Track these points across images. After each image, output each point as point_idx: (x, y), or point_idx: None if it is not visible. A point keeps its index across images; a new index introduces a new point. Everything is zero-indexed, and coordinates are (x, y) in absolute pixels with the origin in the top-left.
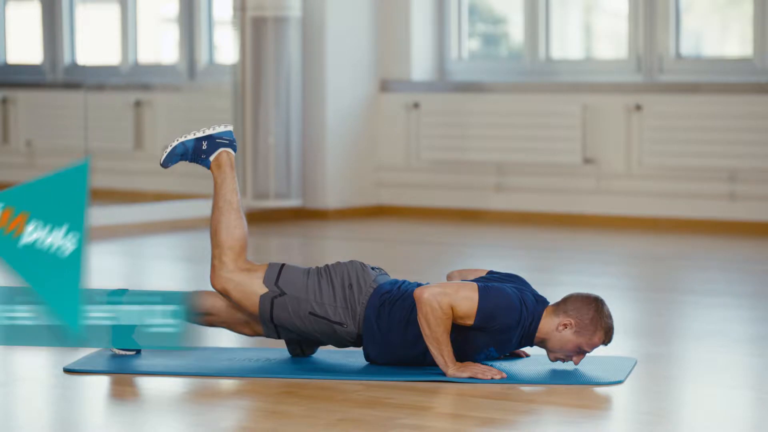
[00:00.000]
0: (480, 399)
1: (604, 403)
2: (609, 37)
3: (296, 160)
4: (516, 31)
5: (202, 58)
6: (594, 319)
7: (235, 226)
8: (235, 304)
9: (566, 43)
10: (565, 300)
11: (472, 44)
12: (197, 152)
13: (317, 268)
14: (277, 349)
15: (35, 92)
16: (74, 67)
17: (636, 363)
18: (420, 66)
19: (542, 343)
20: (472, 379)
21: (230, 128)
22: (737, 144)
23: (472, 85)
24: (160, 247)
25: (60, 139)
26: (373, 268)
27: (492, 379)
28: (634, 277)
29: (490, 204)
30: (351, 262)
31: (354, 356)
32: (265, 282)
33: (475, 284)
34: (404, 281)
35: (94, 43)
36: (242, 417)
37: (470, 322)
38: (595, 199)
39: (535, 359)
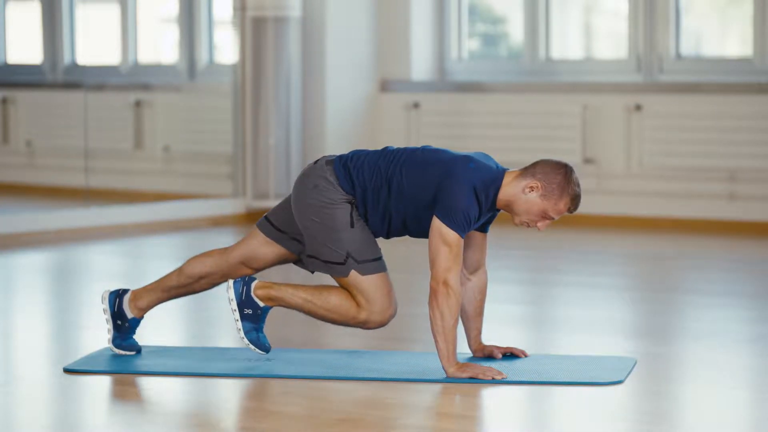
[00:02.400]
0: (480, 399)
1: (604, 403)
2: (609, 37)
3: (296, 160)
4: (516, 31)
5: (202, 58)
6: (561, 184)
7: (327, 302)
8: (391, 291)
9: (566, 43)
10: (534, 164)
11: (472, 44)
12: (255, 318)
13: (303, 229)
14: (277, 349)
15: (35, 92)
16: (74, 67)
17: (636, 363)
18: (420, 66)
19: (508, 207)
20: (472, 379)
21: (231, 282)
22: (737, 144)
23: (472, 85)
24: (160, 247)
25: (60, 139)
26: (315, 162)
27: (492, 379)
28: (634, 277)
29: None
30: (297, 187)
31: (354, 356)
32: (348, 276)
33: (439, 224)
34: (358, 150)
35: (94, 43)
36: (242, 417)
37: (462, 241)
38: (595, 199)
39: (535, 359)
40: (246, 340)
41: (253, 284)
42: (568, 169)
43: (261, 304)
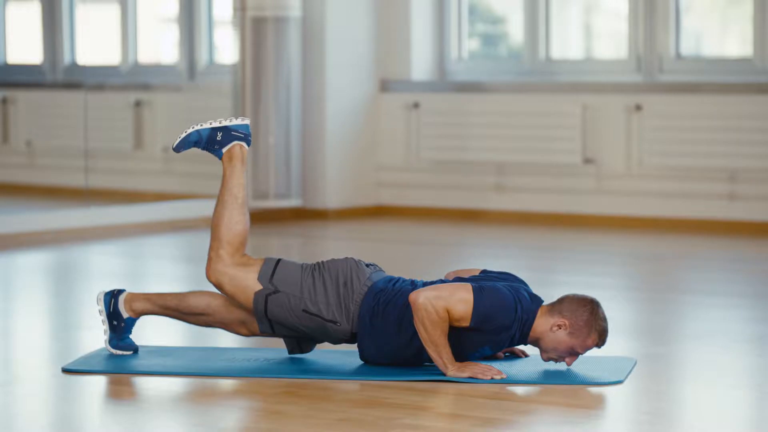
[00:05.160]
0: (479, 399)
1: (604, 403)
2: (609, 37)
3: (296, 160)
4: (516, 31)
5: (202, 58)
6: (588, 321)
7: (237, 222)
8: (228, 298)
9: (566, 43)
10: (561, 300)
11: (472, 44)
12: (211, 142)
13: (313, 265)
14: (277, 349)
15: (35, 92)
16: (74, 67)
17: (636, 363)
18: (420, 66)
19: (536, 343)
20: (471, 379)
21: (247, 122)
22: (737, 144)
23: (472, 85)
24: (160, 247)
25: (60, 139)
26: (368, 265)
27: (492, 379)
28: (634, 277)
29: (490, 204)
30: (346, 259)
31: (354, 356)
32: (260, 278)
33: (469, 285)
34: (399, 278)
35: (94, 43)
36: (242, 417)
37: (466, 324)
38: (595, 199)
39: (534, 359)
40: (184, 133)
41: (245, 145)
42: (594, 305)
43: (221, 152)
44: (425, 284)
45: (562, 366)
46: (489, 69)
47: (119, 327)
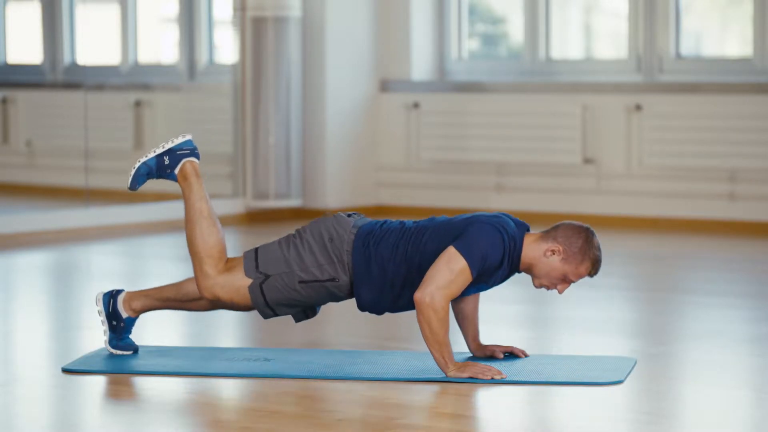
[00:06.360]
0: (480, 399)
1: (604, 403)
2: (609, 37)
3: (296, 160)
4: (516, 31)
5: (202, 58)
6: (583, 248)
7: (209, 234)
8: (230, 306)
9: (566, 43)
10: (556, 227)
11: (472, 44)
12: (161, 168)
13: (290, 235)
14: (277, 349)
15: (35, 92)
16: (74, 67)
17: (636, 363)
18: (420, 66)
19: (529, 269)
20: (471, 379)
21: (189, 137)
22: (737, 144)
23: (472, 85)
24: (160, 247)
25: (60, 139)
26: (349, 215)
27: (492, 379)
28: (634, 277)
29: (490, 204)
30: (325, 217)
31: (354, 356)
32: (247, 273)
33: (453, 250)
34: (386, 220)
35: (94, 43)
36: (242, 417)
37: (470, 280)
38: (595, 199)
39: (535, 359)
40: (133, 169)
41: (194, 159)
42: (589, 233)
43: (174, 175)
44: (416, 224)
45: (562, 366)
46: (489, 69)
47: (119, 327)
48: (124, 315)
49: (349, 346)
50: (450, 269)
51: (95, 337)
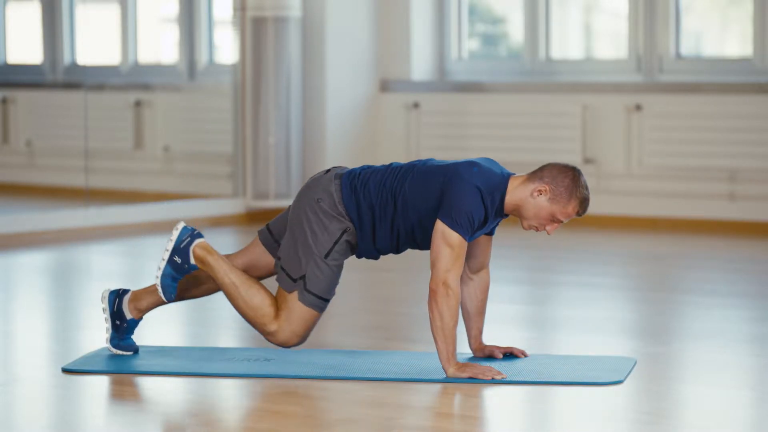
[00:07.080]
0: (480, 399)
1: (604, 403)
2: (609, 37)
3: (296, 160)
4: (516, 31)
5: (202, 58)
6: (569, 187)
7: (250, 299)
8: (312, 326)
9: (566, 43)
10: (542, 168)
11: (472, 44)
12: (179, 269)
13: (287, 229)
14: (277, 349)
15: (35, 92)
16: (74, 67)
17: (636, 363)
18: (420, 66)
19: (516, 211)
20: (472, 379)
21: (181, 225)
22: (737, 144)
23: (472, 85)
24: (160, 247)
25: (60, 139)
26: (326, 171)
27: (492, 379)
28: (634, 277)
29: None
30: (301, 192)
31: (354, 356)
32: (289, 290)
33: (443, 226)
34: (370, 165)
35: (94, 43)
36: (242, 417)
37: (466, 245)
38: (595, 199)
39: (535, 359)
40: (159, 287)
41: (198, 241)
42: (576, 172)
43: (193, 265)
44: (402, 167)
45: (562, 366)
46: (489, 69)
47: (121, 327)
48: (128, 316)
49: (349, 346)
50: (448, 245)
51: (95, 337)
